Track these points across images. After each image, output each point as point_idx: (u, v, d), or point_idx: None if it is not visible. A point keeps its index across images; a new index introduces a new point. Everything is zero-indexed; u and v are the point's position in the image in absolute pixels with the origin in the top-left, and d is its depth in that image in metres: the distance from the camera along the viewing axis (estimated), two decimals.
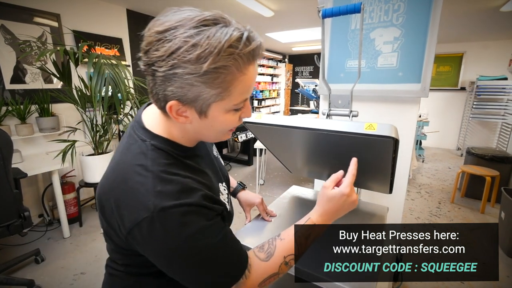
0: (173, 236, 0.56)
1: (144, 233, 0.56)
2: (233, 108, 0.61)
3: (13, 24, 2.80)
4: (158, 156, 0.62)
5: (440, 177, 4.93)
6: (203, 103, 0.57)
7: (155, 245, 0.57)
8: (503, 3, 3.57)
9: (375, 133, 0.77)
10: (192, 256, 0.58)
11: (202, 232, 0.58)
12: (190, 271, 0.60)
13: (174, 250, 0.57)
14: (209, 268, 0.60)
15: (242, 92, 0.58)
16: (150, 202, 0.56)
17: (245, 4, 3.69)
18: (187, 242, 0.57)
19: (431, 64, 1.55)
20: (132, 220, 0.57)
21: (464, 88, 6.56)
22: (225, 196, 0.78)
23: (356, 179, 1.36)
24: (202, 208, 0.60)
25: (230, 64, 0.53)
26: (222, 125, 0.63)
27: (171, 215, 0.56)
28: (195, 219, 0.58)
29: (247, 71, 0.56)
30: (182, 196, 0.58)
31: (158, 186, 0.58)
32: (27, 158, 2.83)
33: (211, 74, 0.52)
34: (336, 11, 1.10)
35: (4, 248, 2.68)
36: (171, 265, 0.60)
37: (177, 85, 0.54)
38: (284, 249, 0.70)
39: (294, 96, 9.67)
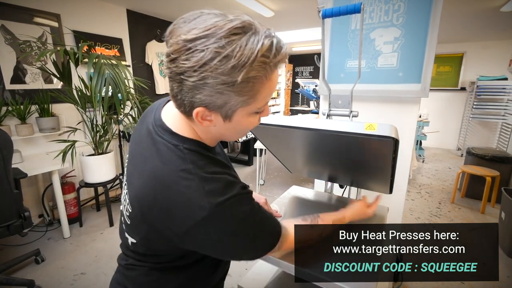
0: (231, 224, 0.63)
1: (206, 230, 0.61)
2: (256, 111, 0.64)
3: (13, 24, 2.80)
4: (196, 159, 0.64)
5: (440, 177, 4.93)
6: (229, 109, 0.59)
7: (217, 236, 0.63)
8: (503, 3, 3.57)
9: (375, 133, 0.77)
10: (252, 230, 0.68)
11: (250, 213, 0.66)
12: (252, 243, 0.70)
13: (236, 233, 0.65)
14: (264, 233, 0.72)
15: (266, 96, 0.61)
16: (205, 202, 0.59)
17: (245, 4, 3.69)
18: (244, 223, 0.65)
19: (431, 64, 1.55)
20: (189, 221, 0.60)
21: (464, 88, 6.56)
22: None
23: (356, 179, 1.37)
24: (244, 196, 0.66)
25: (261, 74, 0.54)
26: (244, 127, 0.67)
27: (225, 208, 0.61)
28: (243, 206, 0.65)
29: (273, 77, 0.58)
30: (227, 190, 0.62)
31: (206, 186, 0.61)
32: (27, 158, 2.83)
33: (243, 84, 0.53)
34: (336, 11, 1.10)
35: (4, 248, 2.68)
36: (234, 247, 0.68)
37: (206, 93, 0.54)
38: (322, 228, 0.86)
39: (294, 96, 9.66)
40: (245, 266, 2.43)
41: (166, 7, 3.94)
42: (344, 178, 1.42)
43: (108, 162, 3.05)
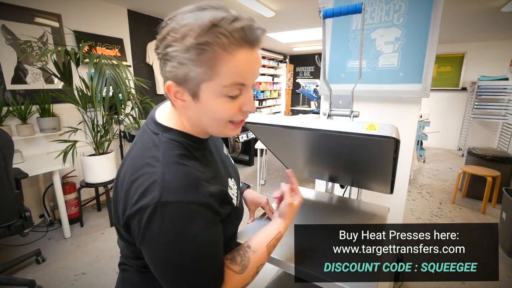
0: (168, 231, 0.56)
1: (144, 221, 0.57)
2: (226, 94, 0.59)
3: (14, 25, 2.81)
4: (170, 148, 0.64)
5: (441, 178, 4.92)
6: (193, 83, 0.58)
7: (148, 235, 0.57)
8: (504, 3, 3.57)
9: (376, 133, 0.77)
10: (178, 257, 0.58)
11: (196, 237, 0.58)
12: (171, 272, 0.60)
13: (163, 245, 0.57)
14: (191, 275, 0.60)
15: (232, 74, 0.57)
16: (157, 192, 0.56)
17: (245, 4, 3.69)
18: (179, 241, 0.57)
19: (432, 65, 1.55)
20: (136, 206, 0.58)
21: (465, 89, 6.55)
22: (234, 191, 0.78)
23: (357, 179, 1.37)
24: (207, 210, 0.60)
25: (212, 41, 0.53)
26: (216, 112, 0.61)
27: (173, 210, 0.56)
28: (197, 220, 0.58)
29: (236, 53, 0.56)
30: (189, 191, 0.58)
31: (167, 176, 0.58)
32: (28, 159, 2.83)
33: (194, 50, 0.54)
34: (337, 11, 1.11)
35: (5, 249, 2.68)
36: (155, 259, 0.60)
37: (170, 64, 0.57)
38: (257, 260, 0.72)
39: (295, 96, 9.67)
40: None
41: (167, 7, 3.95)
42: (345, 178, 1.42)
43: (109, 162, 3.05)
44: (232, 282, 0.67)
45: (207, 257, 0.61)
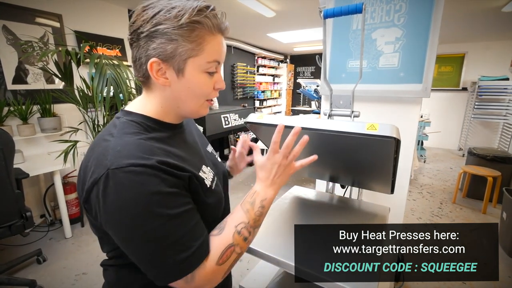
0: (125, 197, 0.56)
1: (100, 192, 0.56)
2: (207, 69, 0.66)
3: (15, 25, 2.81)
4: (127, 126, 0.66)
5: (441, 178, 4.92)
6: (180, 59, 0.63)
7: (108, 206, 0.57)
8: (504, 3, 3.57)
9: (377, 133, 0.77)
10: (144, 226, 0.57)
11: (158, 199, 0.57)
12: (141, 245, 0.58)
13: (126, 214, 0.56)
14: (163, 244, 0.58)
15: (213, 52, 0.66)
16: (108, 160, 0.57)
17: (246, 5, 3.69)
18: (141, 206, 0.56)
19: (432, 65, 1.55)
20: (92, 179, 0.58)
21: (466, 89, 6.55)
22: (209, 176, 0.76)
23: (357, 179, 1.37)
24: (160, 172, 0.59)
25: (201, 21, 0.62)
26: (198, 86, 0.67)
27: (124, 174, 0.56)
28: (151, 181, 0.57)
29: (216, 35, 0.65)
30: (141, 157, 0.58)
31: (119, 146, 0.60)
32: (29, 159, 2.84)
33: (187, 27, 0.61)
34: (338, 11, 1.11)
35: (6, 249, 2.68)
36: (121, 233, 0.59)
37: (158, 41, 0.62)
38: (233, 219, 0.70)
39: (296, 96, 9.67)
40: (246, 266, 2.43)
41: None
42: (346, 178, 1.42)
43: None
44: (213, 246, 0.65)
45: (178, 221, 0.60)
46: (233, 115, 4.77)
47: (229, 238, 0.67)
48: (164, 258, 0.58)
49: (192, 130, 0.89)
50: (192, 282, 0.61)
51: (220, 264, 0.64)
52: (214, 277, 0.64)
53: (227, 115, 4.64)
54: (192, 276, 0.61)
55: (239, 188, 4.29)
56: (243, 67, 6.98)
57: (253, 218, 0.70)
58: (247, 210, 0.71)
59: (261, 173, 0.77)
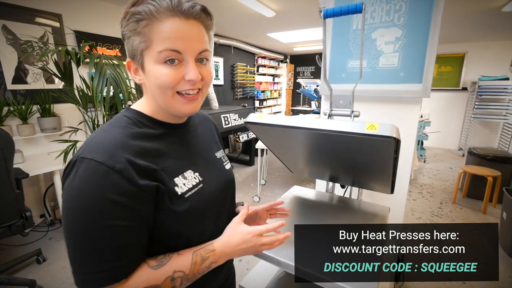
0: (75, 186, 0.56)
1: (65, 175, 0.59)
2: (162, 60, 0.62)
3: (14, 25, 2.81)
4: (119, 120, 0.68)
5: (441, 177, 4.92)
6: (138, 54, 0.64)
7: (64, 189, 0.59)
8: (504, 3, 3.57)
9: (377, 133, 0.77)
10: (77, 222, 0.56)
11: (99, 203, 0.56)
12: (68, 238, 0.58)
13: (69, 203, 0.57)
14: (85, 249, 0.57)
15: (163, 39, 0.61)
16: (82, 148, 0.59)
17: (246, 4, 3.69)
18: (82, 202, 0.56)
19: (432, 64, 1.55)
20: (67, 164, 0.60)
21: (466, 88, 6.55)
22: (189, 183, 0.71)
23: (357, 179, 1.37)
24: (118, 175, 0.57)
25: (142, 10, 0.60)
26: (159, 79, 0.64)
27: (85, 166, 0.56)
28: (101, 183, 0.56)
29: (166, 20, 0.61)
30: (108, 152, 0.58)
31: (97, 137, 0.62)
32: (28, 158, 2.84)
33: (131, 21, 0.61)
34: (338, 11, 1.10)
35: (5, 248, 2.68)
36: (63, 217, 0.59)
37: (125, 43, 0.65)
38: (177, 263, 0.65)
39: (296, 96, 9.67)
40: (246, 266, 2.43)
41: None
42: (346, 178, 1.42)
43: None
44: (140, 276, 0.61)
45: (109, 233, 0.57)
46: (233, 115, 4.78)
47: (159, 279, 0.63)
48: (82, 263, 0.57)
49: (202, 133, 0.87)
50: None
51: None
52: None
53: (227, 115, 4.64)
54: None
55: (239, 188, 4.29)
56: (243, 67, 6.98)
57: (194, 273, 0.67)
58: (195, 262, 0.67)
59: (232, 238, 0.73)
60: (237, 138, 4.90)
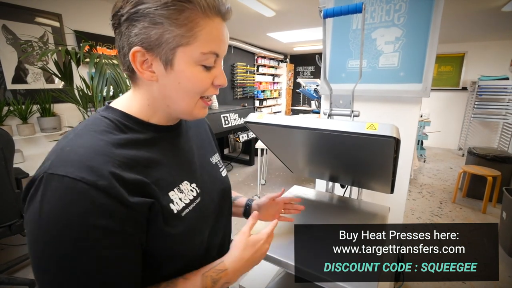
0: (45, 210, 0.44)
1: (29, 195, 0.46)
2: (202, 62, 0.54)
3: (14, 24, 2.81)
4: (96, 123, 0.54)
5: (441, 177, 4.92)
6: (168, 48, 0.51)
7: (28, 213, 0.46)
8: (504, 3, 3.57)
9: (377, 133, 0.77)
10: (51, 255, 0.44)
11: (79, 230, 0.44)
12: (39, 268, 0.45)
13: (39, 231, 0.44)
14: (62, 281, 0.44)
15: (210, 40, 0.53)
16: (50, 161, 0.47)
17: (246, 4, 3.69)
18: (56, 230, 0.43)
19: (432, 64, 1.55)
20: (29, 180, 0.47)
21: (466, 88, 6.55)
22: (187, 197, 0.62)
23: (357, 179, 1.37)
24: (101, 194, 0.45)
25: (194, 0, 0.50)
26: (190, 82, 0.55)
27: (57, 184, 0.44)
28: (81, 204, 0.44)
29: (214, 18, 0.53)
30: (84, 166, 0.46)
31: (69, 146, 0.48)
32: (28, 158, 2.84)
33: (174, 7, 0.49)
34: (338, 11, 1.10)
35: (6, 248, 2.68)
36: (30, 248, 0.45)
37: (140, 25, 0.50)
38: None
39: (296, 96, 9.67)
40: None
41: None
42: (345, 178, 1.42)
43: None
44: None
45: (95, 266, 0.45)
46: (233, 115, 4.77)
47: None
48: None
49: (196, 135, 0.77)
50: None
51: None
52: None
53: (227, 115, 4.64)
54: None
55: (239, 188, 4.29)
56: (243, 66, 6.98)
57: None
58: (205, 287, 0.59)
59: (244, 252, 0.66)
60: (237, 138, 4.89)
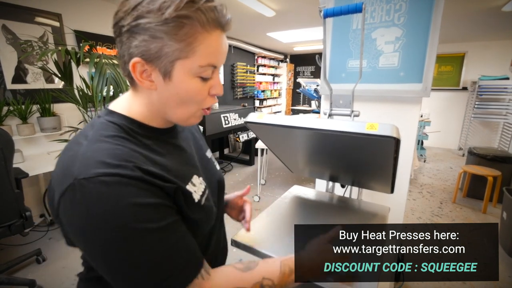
0: (95, 212, 0.47)
1: (67, 207, 0.49)
2: (200, 74, 0.56)
3: (14, 24, 2.81)
4: (105, 128, 0.57)
5: (441, 177, 4.92)
6: (167, 60, 0.54)
7: (75, 224, 0.49)
8: (504, 3, 3.56)
9: (377, 133, 0.77)
10: (119, 245, 0.49)
11: (135, 212, 0.49)
12: (116, 264, 0.50)
13: (96, 233, 0.48)
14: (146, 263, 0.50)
15: (208, 54, 0.55)
16: (76, 168, 0.49)
17: (246, 4, 3.69)
18: (114, 223, 0.48)
19: (432, 64, 1.55)
20: (59, 193, 0.50)
21: (466, 88, 6.55)
22: (200, 189, 0.67)
23: (357, 179, 1.37)
24: (137, 181, 0.50)
25: (192, 15, 0.51)
26: (188, 93, 0.57)
27: (94, 185, 0.47)
28: (126, 192, 0.49)
29: (212, 32, 0.55)
30: (114, 164, 0.50)
31: (89, 152, 0.51)
32: (28, 158, 2.83)
33: (173, 23, 0.51)
34: (338, 11, 1.10)
35: (5, 248, 2.68)
36: (92, 253, 0.52)
37: (140, 38, 0.52)
38: (266, 270, 0.63)
39: (296, 96, 9.67)
40: None
41: None
42: (346, 178, 1.42)
43: None
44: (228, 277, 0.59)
45: (160, 236, 0.52)
46: (233, 115, 4.78)
47: (249, 282, 0.60)
48: (148, 279, 0.51)
49: (188, 133, 0.81)
50: None
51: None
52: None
53: (227, 115, 4.64)
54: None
55: (239, 188, 4.28)
56: (243, 66, 6.98)
57: (282, 285, 0.63)
58: (283, 273, 0.64)
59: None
60: (237, 137, 4.89)
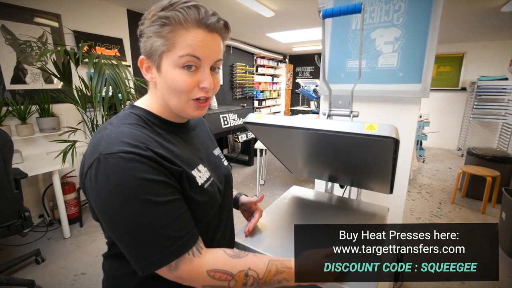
0: (113, 181, 0.57)
1: (92, 177, 0.59)
2: (182, 64, 0.65)
3: (13, 24, 2.80)
4: (127, 117, 0.69)
5: (440, 178, 4.92)
6: (157, 54, 0.65)
7: (97, 189, 0.59)
8: (503, 3, 3.57)
9: (376, 133, 0.77)
10: (129, 211, 0.58)
11: (145, 185, 0.59)
12: (125, 230, 0.59)
13: (112, 199, 0.58)
14: (147, 230, 0.59)
15: (186, 46, 0.64)
16: (101, 146, 0.60)
17: (245, 4, 3.69)
18: (127, 191, 0.57)
19: (431, 65, 1.55)
20: (86, 166, 0.61)
21: (465, 89, 6.56)
22: (204, 175, 0.75)
23: (356, 179, 1.37)
24: (150, 161, 0.61)
25: (170, 16, 0.62)
26: (174, 82, 0.66)
27: (114, 159, 0.58)
28: (140, 168, 0.59)
29: (192, 30, 0.64)
30: (132, 144, 0.60)
31: (113, 134, 0.62)
32: (27, 159, 2.83)
33: (157, 23, 0.63)
34: (337, 11, 1.10)
35: (4, 249, 2.68)
36: (108, 217, 0.60)
37: (143, 40, 0.67)
38: (254, 262, 0.69)
39: (295, 96, 9.67)
40: None
41: None
42: (345, 178, 1.42)
43: None
44: (217, 258, 0.66)
45: (164, 208, 0.61)
46: (232, 115, 4.77)
47: (235, 268, 0.66)
48: (147, 244, 0.59)
49: (200, 132, 0.91)
50: (175, 271, 0.62)
51: (210, 276, 0.64)
52: (197, 278, 0.64)
53: (226, 115, 4.64)
54: (176, 265, 0.62)
55: (238, 188, 4.29)
56: (242, 67, 6.98)
57: (266, 280, 0.69)
58: (269, 270, 0.69)
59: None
60: (236, 138, 4.89)
